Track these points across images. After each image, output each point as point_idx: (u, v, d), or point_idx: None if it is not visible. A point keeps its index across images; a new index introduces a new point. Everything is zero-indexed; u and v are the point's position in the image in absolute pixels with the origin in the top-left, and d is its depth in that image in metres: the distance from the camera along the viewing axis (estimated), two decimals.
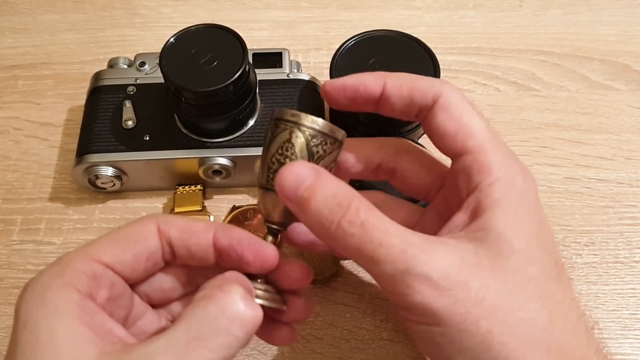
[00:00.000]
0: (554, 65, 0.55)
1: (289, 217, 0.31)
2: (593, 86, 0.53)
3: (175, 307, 0.33)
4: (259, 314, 0.26)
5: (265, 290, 0.30)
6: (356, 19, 0.58)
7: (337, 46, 0.45)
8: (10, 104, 0.52)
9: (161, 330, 0.27)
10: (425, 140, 0.48)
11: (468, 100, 0.30)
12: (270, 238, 0.31)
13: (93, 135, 0.44)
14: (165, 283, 0.31)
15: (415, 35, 0.45)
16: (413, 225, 0.34)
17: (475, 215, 0.28)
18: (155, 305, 0.32)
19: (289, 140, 0.29)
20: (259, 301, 0.29)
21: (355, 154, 0.34)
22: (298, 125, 0.29)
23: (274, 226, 0.31)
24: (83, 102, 0.47)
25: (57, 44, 0.56)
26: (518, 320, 0.26)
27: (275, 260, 0.30)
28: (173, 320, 0.32)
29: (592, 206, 0.46)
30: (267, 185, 0.30)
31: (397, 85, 0.31)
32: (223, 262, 0.30)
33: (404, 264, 0.26)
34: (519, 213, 0.28)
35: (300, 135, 0.29)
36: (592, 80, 0.54)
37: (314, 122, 0.29)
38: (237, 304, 0.25)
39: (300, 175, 0.28)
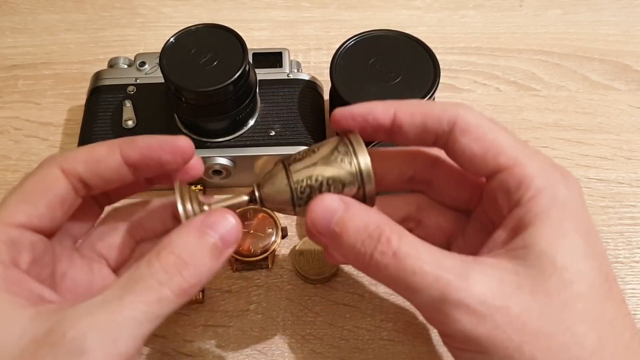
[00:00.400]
0: (554, 65, 0.55)
1: (274, 205, 0.30)
2: (593, 86, 0.53)
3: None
4: (189, 281, 0.26)
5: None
6: (356, 18, 0.58)
7: (338, 46, 0.45)
8: (10, 103, 0.52)
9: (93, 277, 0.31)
10: None
11: (487, 118, 0.29)
12: (245, 197, 0.30)
13: (93, 135, 0.43)
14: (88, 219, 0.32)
15: (415, 35, 0.45)
16: (458, 234, 0.33)
17: (516, 231, 0.27)
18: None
19: (344, 186, 0.29)
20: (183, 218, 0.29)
21: (386, 165, 0.33)
22: (363, 185, 0.29)
23: (256, 194, 0.30)
24: (83, 102, 0.47)
25: (57, 43, 0.56)
26: (564, 345, 0.25)
27: (192, 148, 0.30)
28: (105, 259, 0.33)
29: (592, 206, 0.46)
30: (289, 176, 0.29)
31: (409, 113, 0.29)
32: (141, 174, 0.30)
33: (440, 291, 0.25)
34: (563, 226, 0.26)
35: (354, 189, 0.29)
36: (593, 80, 0.54)
37: (371, 195, 0.29)
38: (162, 273, 0.26)
39: (330, 208, 0.27)
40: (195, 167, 0.31)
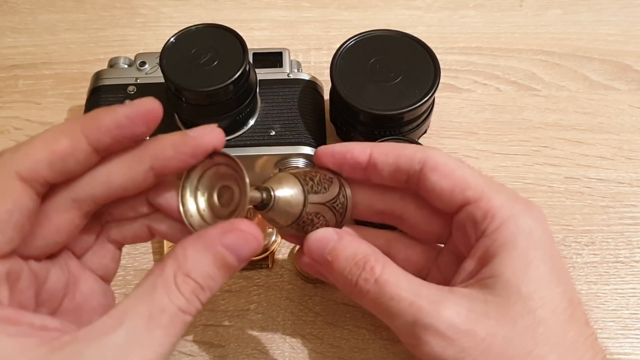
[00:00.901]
0: (554, 65, 0.55)
1: (273, 215, 0.30)
2: (593, 86, 0.53)
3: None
4: (204, 302, 0.26)
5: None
6: (356, 18, 0.58)
7: (338, 46, 0.45)
8: (11, 103, 0.52)
9: (72, 281, 0.29)
10: (425, 140, 0.48)
11: (454, 158, 0.31)
12: (257, 194, 0.29)
13: None
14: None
15: (415, 35, 0.45)
16: (430, 265, 0.34)
17: (484, 261, 0.29)
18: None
19: (328, 225, 0.32)
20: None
21: (356, 195, 0.34)
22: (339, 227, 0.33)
23: (272, 197, 0.29)
24: (83, 101, 0.47)
25: (57, 43, 0.56)
26: None
27: (160, 106, 0.27)
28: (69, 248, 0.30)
29: (593, 206, 0.46)
30: (306, 204, 0.30)
31: (383, 153, 0.32)
32: (114, 149, 0.27)
33: (413, 316, 0.27)
34: (527, 256, 0.28)
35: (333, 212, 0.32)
36: (593, 80, 0.54)
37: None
38: (182, 301, 0.25)
39: (324, 238, 0.31)
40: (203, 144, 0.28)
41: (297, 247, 0.35)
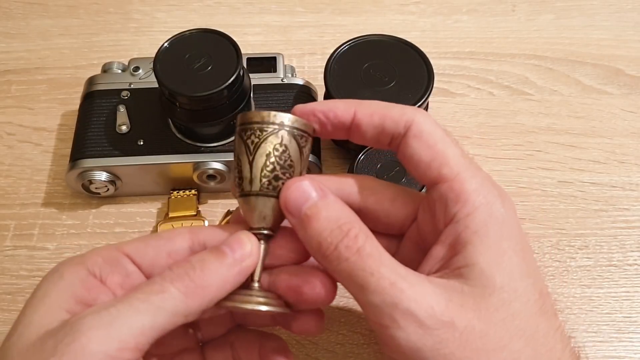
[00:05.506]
0: (547, 70, 0.55)
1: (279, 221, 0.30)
2: (586, 90, 0.54)
3: None
4: (196, 281, 0.27)
5: (266, 297, 0.29)
6: (350, 23, 0.58)
7: (332, 51, 0.45)
8: (4, 109, 0.52)
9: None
10: None
11: (441, 128, 0.30)
12: (263, 245, 0.30)
13: (87, 140, 0.43)
14: None
15: (409, 40, 0.45)
16: (393, 254, 0.32)
17: (455, 248, 0.28)
18: None
19: (281, 144, 0.29)
20: (264, 308, 0.28)
21: None
22: (283, 126, 0.29)
23: (265, 231, 0.30)
24: (77, 107, 0.47)
25: (50, 48, 0.56)
26: None
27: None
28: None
29: (586, 210, 0.47)
30: (260, 191, 0.29)
31: (368, 113, 0.30)
32: None
33: (392, 297, 0.26)
34: (500, 246, 0.27)
35: (287, 136, 0.29)
36: (585, 84, 0.54)
37: (294, 121, 0.29)
38: (168, 272, 0.27)
39: (306, 192, 0.28)
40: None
41: None
